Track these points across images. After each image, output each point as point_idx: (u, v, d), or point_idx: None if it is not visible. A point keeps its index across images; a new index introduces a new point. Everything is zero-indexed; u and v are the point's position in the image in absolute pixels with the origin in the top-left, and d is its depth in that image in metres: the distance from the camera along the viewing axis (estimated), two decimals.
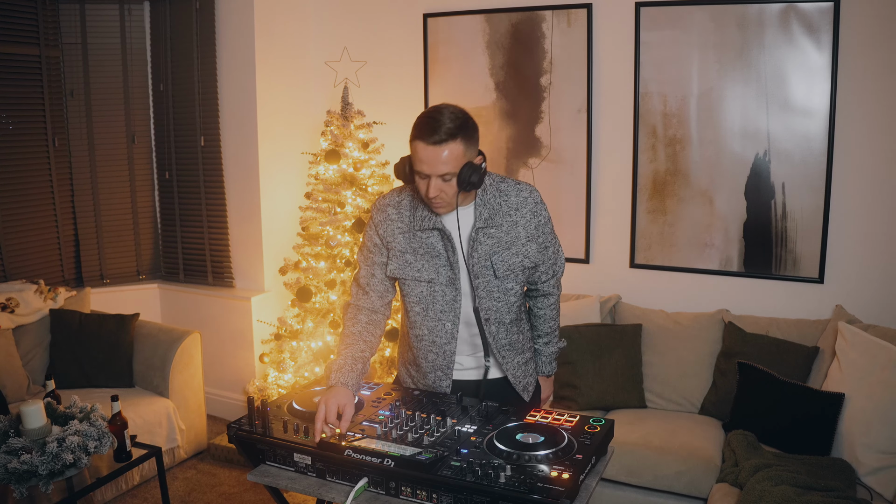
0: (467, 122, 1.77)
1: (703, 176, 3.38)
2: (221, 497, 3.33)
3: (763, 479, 2.37)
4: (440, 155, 1.72)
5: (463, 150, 1.75)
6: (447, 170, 1.74)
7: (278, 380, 3.59)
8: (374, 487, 1.60)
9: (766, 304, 3.32)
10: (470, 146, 1.77)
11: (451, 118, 1.73)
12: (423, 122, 1.75)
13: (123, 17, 4.15)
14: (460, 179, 1.77)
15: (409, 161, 1.82)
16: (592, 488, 1.61)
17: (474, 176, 1.77)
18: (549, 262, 2.04)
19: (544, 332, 2.15)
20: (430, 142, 1.72)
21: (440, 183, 1.77)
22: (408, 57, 3.99)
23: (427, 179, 1.77)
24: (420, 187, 1.81)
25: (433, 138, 1.72)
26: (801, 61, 3.12)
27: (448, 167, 1.74)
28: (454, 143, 1.73)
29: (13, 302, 3.51)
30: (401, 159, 1.85)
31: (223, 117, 4.04)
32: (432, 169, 1.74)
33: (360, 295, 2.02)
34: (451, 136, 1.72)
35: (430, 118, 1.74)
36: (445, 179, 1.76)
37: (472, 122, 1.78)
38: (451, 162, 1.74)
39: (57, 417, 2.66)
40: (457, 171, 1.76)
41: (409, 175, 1.83)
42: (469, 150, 1.77)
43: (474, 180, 1.77)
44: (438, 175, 1.75)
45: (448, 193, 1.79)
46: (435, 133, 1.72)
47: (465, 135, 1.75)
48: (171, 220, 4.33)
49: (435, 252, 1.91)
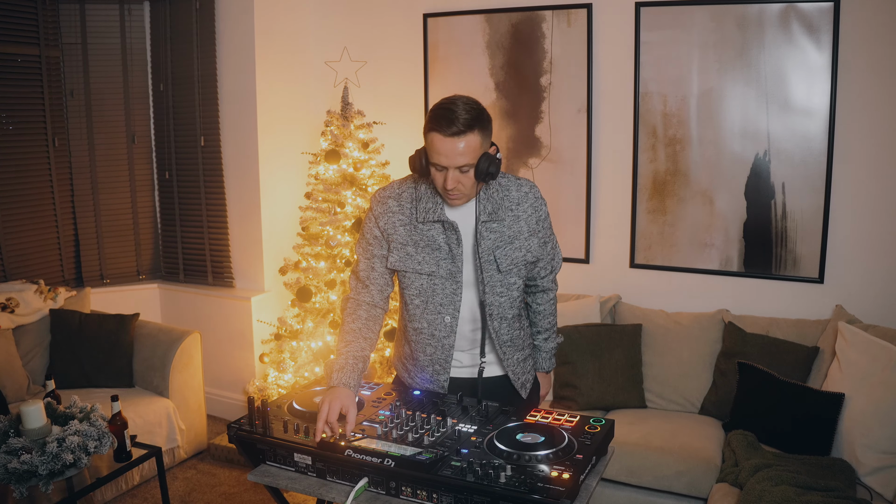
0: (482, 112, 1.77)
1: (703, 176, 3.38)
2: (221, 497, 3.33)
3: (763, 479, 2.37)
4: (457, 146, 1.72)
5: (480, 141, 1.75)
6: (465, 161, 1.74)
7: (278, 380, 3.59)
8: (375, 487, 1.61)
9: (766, 304, 3.32)
10: (485, 137, 1.77)
11: (466, 109, 1.73)
12: (438, 114, 1.74)
13: (123, 17, 4.15)
14: (478, 170, 1.76)
15: (424, 153, 1.82)
16: (592, 488, 1.61)
17: (492, 167, 1.77)
18: (547, 257, 2.04)
19: (543, 328, 2.14)
20: (447, 133, 1.72)
21: (458, 174, 1.76)
22: (408, 57, 3.99)
23: (444, 171, 1.77)
24: (437, 180, 1.80)
25: (450, 130, 1.71)
26: (801, 61, 3.12)
27: (466, 158, 1.74)
28: (471, 134, 1.73)
29: (13, 302, 3.51)
30: (416, 152, 1.84)
31: (223, 117, 4.04)
32: (450, 161, 1.74)
33: (359, 288, 2.00)
34: (469, 128, 1.72)
35: (445, 109, 1.73)
36: (463, 171, 1.76)
37: (486, 112, 1.78)
38: (468, 153, 1.73)
39: (57, 417, 2.66)
40: (474, 162, 1.76)
41: (425, 167, 1.82)
42: (485, 141, 1.77)
43: (492, 171, 1.77)
44: (456, 167, 1.74)
45: (466, 185, 1.79)
46: (452, 125, 1.71)
47: (481, 125, 1.75)
48: (171, 220, 4.33)
49: (436, 245, 1.90)
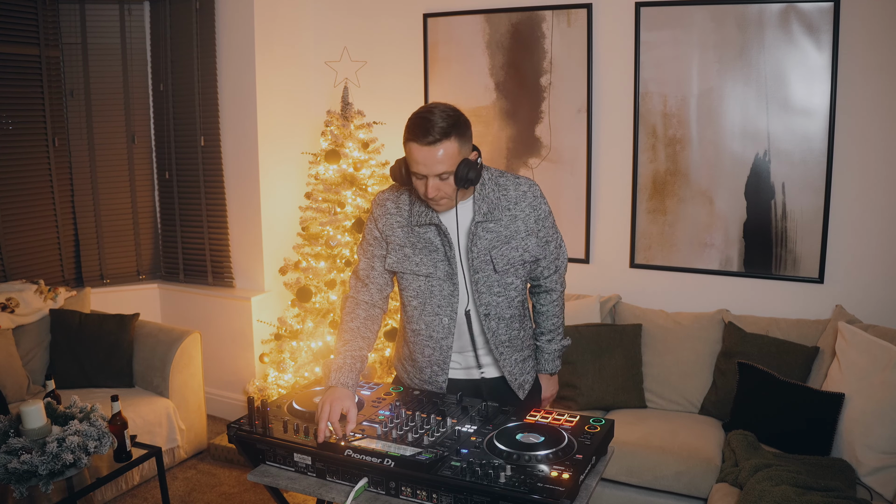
0: (459, 119, 1.77)
1: (703, 176, 3.38)
2: (221, 497, 3.33)
3: (763, 479, 2.36)
4: (435, 155, 1.73)
5: (457, 147, 1.75)
6: (443, 169, 1.74)
7: (278, 380, 3.59)
8: (374, 487, 1.61)
9: (766, 304, 3.32)
10: (464, 143, 1.77)
11: (442, 117, 1.73)
12: (415, 124, 1.75)
13: (123, 17, 4.15)
14: (458, 177, 1.77)
15: (404, 163, 1.83)
16: (592, 488, 1.61)
17: (471, 172, 1.77)
18: (550, 256, 2.03)
19: (547, 328, 2.13)
20: (424, 142, 1.72)
21: (438, 182, 1.77)
22: (408, 57, 3.99)
23: (424, 180, 1.77)
24: (418, 188, 1.81)
25: (427, 139, 1.72)
26: (800, 61, 3.12)
27: (444, 166, 1.74)
28: (448, 141, 1.73)
29: (13, 302, 3.51)
30: (396, 162, 1.85)
31: (223, 117, 4.04)
32: (428, 169, 1.74)
33: (358, 287, 2.01)
34: (445, 135, 1.72)
35: (421, 118, 1.74)
36: (443, 178, 1.76)
37: (463, 118, 1.78)
38: (446, 161, 1.74)
39: (57, 417, 2.66)
40: (453, 169, 1.76)
41: (406, 177, 1.83)
42: (463, 147, 1.78)
43: (471, 177, 1.78)
44: (435, 175, 1.75)
45: (446, 192, 1.79)
46: (428, 133, 1.71)
47: (459, 132, 1.75)
48: (171, 220, 4.33)
49: (433, 247, 1.91)
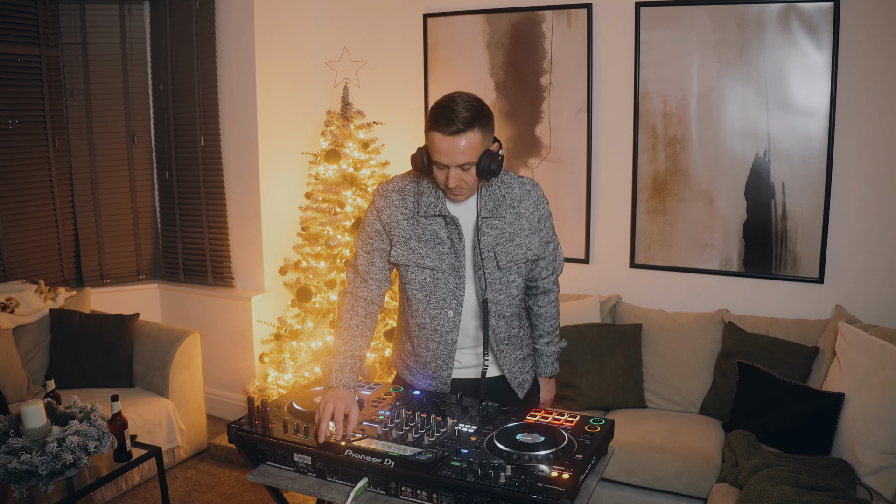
0: (483, 109, 1.76)
1: (703, 176, 3.38)
2: (221, 497, 3.33)
3: (763, 479, 2.36)
4: (458, 145, 1.72)
5: (481, 138, 1.74)
6: (466, 159, 1.73)
7: (278, 380, 3.59)
8: (375, 487, 1.60)
9: (766, 304, 3.32)
10: (486, 134, 1.77)
11: (466, 107, 1.72)
12: (438, 113, 1.73)
13: (123, 17, 4.15)
14: (480, 168, 1.76)
15: (425, 152, 1.81)
16: (592, 488, 1.61)
17: (494, 164, 1.77)
18: (549, 257, 2.04)
19: (545, 331, 2.13)
20: (447, 132, 1.71)
21: (460, 172, 1.76)
22: (408, 57, 3.99)
23: (446, 170, 1.76)
24: (438, 177, 1.80)
25: (450, 128, 1.71)
26: (800, 61, 3.12)
27: (467, 157, 1.73)
28: (472, 132, 1.72)
29: (13, 302, 3.51)
30: (418, 150, 1.84)
31: (223, 117, 4.04)
32: (451, 159, 1.73)
33: (357, 282, 1.99)
34: (469, 126, 1.71)
35: (445, 108, 1.73)
36: (465, 169, 1.76)
37: (487, 109, 1.78)
38: (469, 151, 1.73)
39: (57, 417, 2.65)
40: (475, 160, 1.75)
41: (427, 166, 1.82)
42: (486, 138, 1.77)
43: (494, 168, 1.77)
44: (457, 165, 1.74)
45: (468, 182, 1.79)
46: (452, 123, 1.70)
47: (482, 123, 1.74)
48: (171, 220, 4.33)
49: (438, 239, 1.89)
